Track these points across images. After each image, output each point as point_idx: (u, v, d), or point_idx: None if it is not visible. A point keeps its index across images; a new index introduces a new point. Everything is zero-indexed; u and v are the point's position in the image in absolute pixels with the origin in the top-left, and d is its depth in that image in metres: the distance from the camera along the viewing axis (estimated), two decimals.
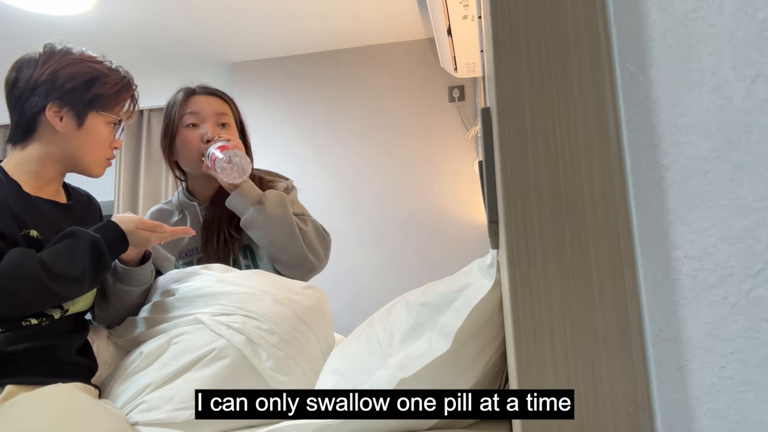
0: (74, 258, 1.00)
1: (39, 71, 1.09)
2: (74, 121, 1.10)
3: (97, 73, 1.12)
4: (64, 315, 1.05)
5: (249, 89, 3.45)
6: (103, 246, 1.04)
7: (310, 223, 1.40)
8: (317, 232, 1.40)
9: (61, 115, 1.09)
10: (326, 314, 1.11)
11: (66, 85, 1.09)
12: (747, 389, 0.28)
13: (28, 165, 1.10)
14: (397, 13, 3.04)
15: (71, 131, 1.11)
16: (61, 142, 1.11)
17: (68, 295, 1.01)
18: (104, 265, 1.05)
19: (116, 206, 3.85)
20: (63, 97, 1.09)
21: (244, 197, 1.32)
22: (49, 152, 1.11)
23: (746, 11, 0.26)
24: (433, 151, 3.26)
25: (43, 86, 1.08)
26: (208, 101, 1.42)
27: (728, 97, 0.28)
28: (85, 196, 1.25)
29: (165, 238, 1.16)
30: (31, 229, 1.03)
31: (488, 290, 0.73)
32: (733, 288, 0.29)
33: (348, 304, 2.90)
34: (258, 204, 1.31)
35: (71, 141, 1.11)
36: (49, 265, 0.97)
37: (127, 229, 1.08)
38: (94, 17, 2.89)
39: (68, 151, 1.12)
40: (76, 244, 1.01)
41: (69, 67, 1.10)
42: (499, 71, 0.49)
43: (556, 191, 0.46)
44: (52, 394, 0.88)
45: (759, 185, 0.26)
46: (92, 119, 1.12)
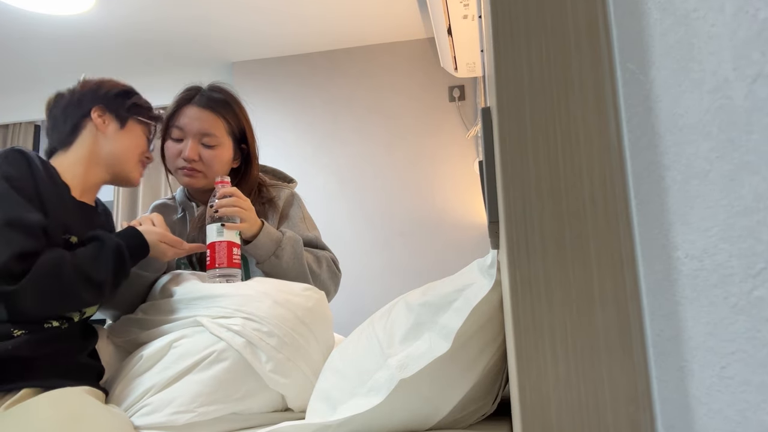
0: (99, 262, 1.03)
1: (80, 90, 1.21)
2: (117, 123, 1.21)
3: (132, 90, 1.27)
4: (82, 318, 1.07)
5: (249, 89, 3.45)
6: (125, 251, 1.06)
7: (324, 264, 1.37)
8: (330, 271, 1.39)
9: (104, 118, 1.20)
10: (326, 315, 1.11)
11: (108, 93, 1.22)
12: (747, 389, 0.28)
13: (74, 168, 1.16)
14: (397, 13, 3.04)
15: (114, 132, 1.20)
16: (104, 143, 1.19)
17: (90, 299, 1.03)
18: (125, 272, 1.07)
19: (116, 206, 3.84)
20: (106, 102, 1.21)
21: (260, 250, 1.28)
22: (93, 152, 1.18)
23: (747, 11, 0.26)
24: (433, 151, 3.26)
25: (87, 96, 1.20)
26: (197, 116, 1.34)
27: (729, 96, 0.28)
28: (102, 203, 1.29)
29: (181, 254, 1.21)
30: (72, 236, 1.06)
31: (488, 290, 0.73)
32: (733, 288, 0.29)
33: (348, 304, 2.90)
34: (274, 257, 1.28)
35: (114, 141, 1.20)
36: (80, 267, 0.99)
37: (150, 240, 1.12)
38: (94, 17, 2.89)
39: (111, 151, 1.19)
40: (102, 247, 1.04)
41: (109, 83, 1.25)
42: (499, 71, 0.49)
43: (556, 191, 0.46)
44: (60, 398, 0.89)
45: (760, 185, 0.26)
46: (132, 124, 1.23)
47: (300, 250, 1.32)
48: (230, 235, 1.22)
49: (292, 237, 1.32)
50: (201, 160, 1.34)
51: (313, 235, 1.42)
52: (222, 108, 1.38)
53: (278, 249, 1.28)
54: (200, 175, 1.35)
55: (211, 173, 1.35)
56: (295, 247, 1.31)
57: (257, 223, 1.28)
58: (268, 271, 1.30)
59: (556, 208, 0.46)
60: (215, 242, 1.21)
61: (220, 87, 1.42)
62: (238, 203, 1.24)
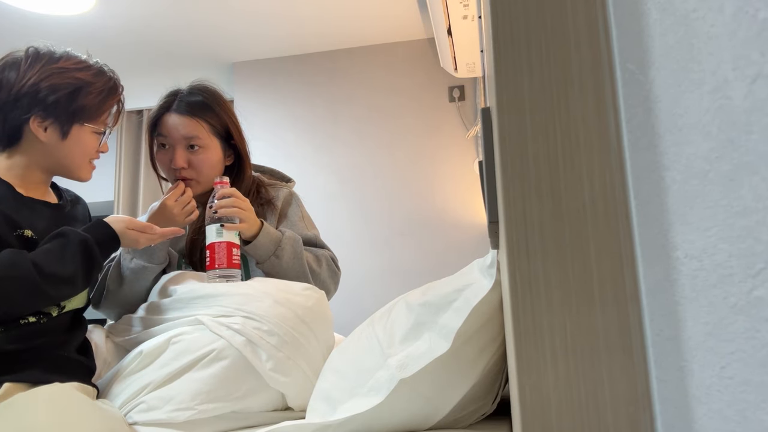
0: (65, 258, 1.00)
1: (21, 80, 1.06)
2: (58, 133, 1.09)
3: (80, 84, 1.10)
4: (62, 312, 1.06)
5: (249, 89, 3.45)
6: (93, 245, 1.04)
7: (324, 263, 1.38)
8: (330, 270, 1.39)
9: (45, 126, 1.08)
10: (326, 315, 1.11)
11: (48, 98, 1.06)
12: (747, 389, 0.28)
13: (15, 170, 1.11)
14: (397, 13, 3.04)
15: (56, 142, 1.10)
16: (45, 152, 1.11)
17: (61, 295, 1.02)
18: (95, 265, 1.06)
19: (116, 206, 3.84)
20: (46, 109, 1.07)
21: (260, 250, 1.28)
22: (34, 161, 1.11)
23: (746, 11, 0.26)
24: (433, 151, 3.26)
25: (26, 98, 1.06)
26: (177, 123, 1.33)
27: (728, 97, 0.28)
28: (74, 196, 1.26)
29: (155, 239, 1.16)
30: (26, 229, 1.04)
31: (488, 290, 0.73)
32: (733, 288, 0.29)
33: (348, 304, 2.90)
34: (274, 257, 1.28)
35: (56, 150, 1.11)
36: (41, 265, 0.97)
37: (117, 229, 1.09)
38: (94, 17, 2.89)
39: (54, 159, 1.12)
40: (66, 243, 1.02)
41: (50, 79, 1.07)
42: (499, 71, 0.49)
43: (556, 191, 0.46)
44: (48, 394, 0.89)
45: (759, 185, 0.26)
46: (77, 130, 1.11)
47: (300, 250, 1.32)
48: (230, 235, 1.22)
49: (291, 236, 1.32)
50: (190, 166, 1.34)
51: (312, 234, 1.42)
52: (201, 111, 1.35)
53: (278, 249, 1.28)
54: (193, 182, 1.34)
55: (202, 178, 1.35)
56: (294, 247, 1.31)
57: (257, 223, 1.28)
58: (268, 270, 1.30)
59: (556, 208, 0.46)
60: (215, 243, 1.21)
61: (199, 87, 1.39)
62: (237, 204, 1.24)
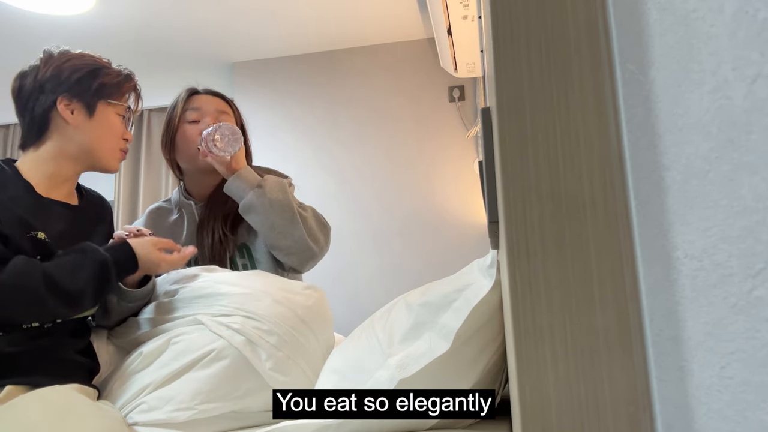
0: (78, 275, 0.99)
1: (42, 72, 1.10)
2: (85, 112, 1.12)
3: (98, 65, 1.15)
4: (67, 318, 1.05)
5: (249, 89, 3.45)
6: (111, 266, 1.03)
7: (310, 211, 1.41)
8: (317, 219, 1.41)
9: (71, 107, 1.11)
10: (326, 314, 1.11)
11: (72, 77, 1.10)
12: (747, 389, 0.28)
13: (43, 166, 1.10)
14: (397, 13, 3.04)
15: (83, 122, 1.11)
16: (74, 136, 1.11)
17: (63, 312, 1.00)
18: (108, 287, 1.04)
19: (116, 206, 3.84)
20: (71, 89, 1.10)
21: (243, 181, 1.32)
22: (63, 149, 1.11)
23: (746, 11, 0.26)
24: (433, 151, 3.26)
25: (50, 83, 1.09)
26: (210, 100, 1.46)
27: (728, 97, 0.28)
28: (98, 198, 1.24)
29: (176, 265, 1.16)
30: (39, 231, 1.02)
31: (488, 290, 0.73)
32: (733, 288, 0.29)
33: (348, 304, 2.90)
34: (258, 188, 1.31)
35: (84, 132, 1.11)
36: (52, 276, 0.96)
37: (140, 253, 1.08)
38: (94, 17, 2.89)
39: (82, 144, 1.12)
40: (84, 260, 1.00)
41: (71, 62, 1.12)
42: (499, 71, 0.49)
43: (556, 191, 0.46)
44: (48, 396, 0.88)
45: (759, 185, 0.26)
46: (102, 108, 1.13)
47: (285, 187, 1.35)
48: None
49: (276, 177, 1.39)
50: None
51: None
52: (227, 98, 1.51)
53: (262, 181, 1.33)
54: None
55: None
56: (279, 183, 1.35)
57: (245, 162, 1.38)
58: (256, 206, 1.31)
59: (556, 209, 0.46)
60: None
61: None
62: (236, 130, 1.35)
